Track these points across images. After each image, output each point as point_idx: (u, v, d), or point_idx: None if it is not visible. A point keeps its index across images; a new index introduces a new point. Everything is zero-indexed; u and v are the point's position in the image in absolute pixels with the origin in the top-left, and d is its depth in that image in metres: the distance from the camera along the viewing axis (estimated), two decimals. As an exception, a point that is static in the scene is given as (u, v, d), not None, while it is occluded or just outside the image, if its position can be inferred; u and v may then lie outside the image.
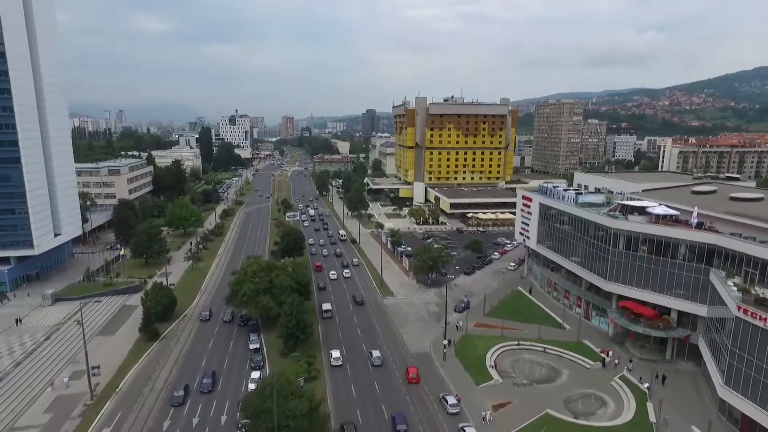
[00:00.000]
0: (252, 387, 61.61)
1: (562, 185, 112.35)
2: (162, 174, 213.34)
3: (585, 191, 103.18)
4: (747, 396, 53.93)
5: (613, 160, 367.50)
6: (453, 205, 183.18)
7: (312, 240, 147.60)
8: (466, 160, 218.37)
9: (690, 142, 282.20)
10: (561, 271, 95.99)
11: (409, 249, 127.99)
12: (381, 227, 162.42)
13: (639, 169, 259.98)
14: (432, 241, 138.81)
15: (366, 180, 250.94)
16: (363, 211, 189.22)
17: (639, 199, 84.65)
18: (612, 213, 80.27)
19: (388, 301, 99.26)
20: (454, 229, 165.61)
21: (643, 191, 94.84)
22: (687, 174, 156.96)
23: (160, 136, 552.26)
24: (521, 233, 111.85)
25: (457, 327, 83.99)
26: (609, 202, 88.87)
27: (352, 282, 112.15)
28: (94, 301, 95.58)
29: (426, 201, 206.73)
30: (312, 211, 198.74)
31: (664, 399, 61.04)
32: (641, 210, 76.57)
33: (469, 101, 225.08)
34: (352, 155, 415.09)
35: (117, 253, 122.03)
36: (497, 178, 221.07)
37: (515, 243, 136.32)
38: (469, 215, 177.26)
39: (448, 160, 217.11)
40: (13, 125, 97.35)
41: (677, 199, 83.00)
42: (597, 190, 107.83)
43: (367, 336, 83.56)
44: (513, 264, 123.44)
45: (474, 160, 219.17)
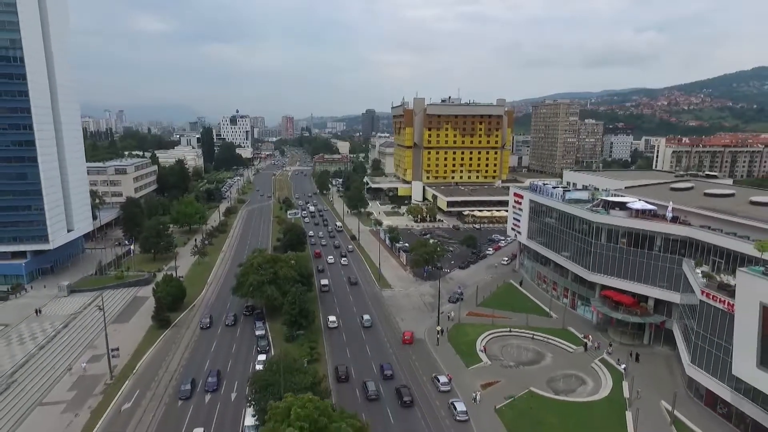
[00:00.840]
0: (259, 368, 66.97)
1: (551, 183, 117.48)
2: (166, 173, 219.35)
3: (573, 188, 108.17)
4: (710, 372, 59.40)
5: (610, 159, 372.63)
6: (450, 204, 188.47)
7: (312, 233, 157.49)
8: (463, 159, 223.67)
9: (683, 142, 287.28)
10: (549, 264, 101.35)
11: (407, 245, 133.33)
12: (380, 225, 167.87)
13: (635, 169, 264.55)
14: (429, 237, 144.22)
15: (365, 179, 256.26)
16: (362, 210, 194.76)
17: (621, 195, 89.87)
18: (595, 208, 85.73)
19: (386, 293, 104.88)
20: (451, 227, 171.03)
21: (626, 188, 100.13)
22: (670, 172, 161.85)
23: (161, 136, 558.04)
24: (513, 229, 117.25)
25: (449, 317, 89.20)
26: (593, 198, 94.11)
27: (348, 267, 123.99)
28: (110, 290, 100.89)
29: (424, 199, 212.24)
30: (312, 208, 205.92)
31: (638, 378, 66.56)
32: (621, 205, 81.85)
33: (466, 102, 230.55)
34: (351, 155, 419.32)
35: (127, 248, 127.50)
36: (493, 177, 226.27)
37: (509, 239, 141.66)
38: (466, 213, 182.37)
39: (445, 159, 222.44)
40: (30, 126, 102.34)
41: (656, 196, 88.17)
42: (584, 187, 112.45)
43: (360, 308, 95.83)
44: (506, 259, 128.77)
45: (471, 159, 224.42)
